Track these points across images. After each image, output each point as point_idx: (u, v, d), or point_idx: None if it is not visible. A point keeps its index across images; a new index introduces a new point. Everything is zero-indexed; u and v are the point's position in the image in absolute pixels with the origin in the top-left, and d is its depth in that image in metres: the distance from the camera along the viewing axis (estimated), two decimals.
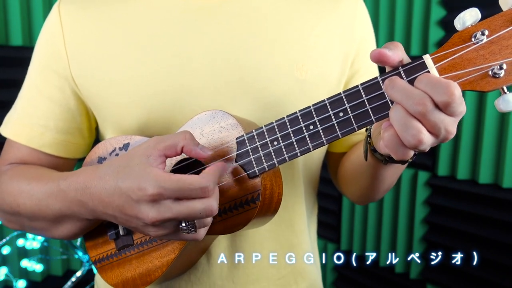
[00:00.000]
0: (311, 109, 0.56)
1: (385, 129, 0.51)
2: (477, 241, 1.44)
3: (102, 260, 0.72)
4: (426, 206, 1.59)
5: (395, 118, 0.48)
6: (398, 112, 0.48)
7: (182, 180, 0.53)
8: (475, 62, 0.47)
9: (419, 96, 0.47)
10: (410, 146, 0.49)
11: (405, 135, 0.48)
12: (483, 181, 1.40)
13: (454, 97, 0.45)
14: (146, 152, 0.56)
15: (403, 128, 0.48)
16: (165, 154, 0.56)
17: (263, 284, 0.77)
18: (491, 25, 0.47)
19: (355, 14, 0.79)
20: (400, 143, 0.50)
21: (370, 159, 0.67)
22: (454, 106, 0.46)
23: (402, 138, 0.49)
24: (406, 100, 0.48)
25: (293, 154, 0.57)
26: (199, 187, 0.53)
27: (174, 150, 0.56)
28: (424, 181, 1.57)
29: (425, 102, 0.47)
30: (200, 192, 0.53)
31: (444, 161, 1.51)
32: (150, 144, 0.57)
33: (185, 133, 0.57)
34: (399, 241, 1.68)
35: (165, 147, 0.56)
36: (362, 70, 0.81)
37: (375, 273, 1.80)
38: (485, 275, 1.41)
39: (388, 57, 0.49)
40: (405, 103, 0.48)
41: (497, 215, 1.38)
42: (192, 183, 0.53)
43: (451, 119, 0.48)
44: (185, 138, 0.56)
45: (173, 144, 0.56)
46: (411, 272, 1.66)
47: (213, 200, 0.55)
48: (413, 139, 0.48)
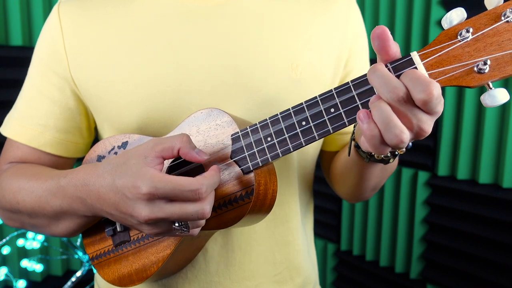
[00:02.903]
0: (304, 105, 0.57)
1: (367, 124, 0.51)
2: (477, 241, 1.44)
3: (99, 257, 0.73)
4: (426, 206, 1.59)
5: (378, 117, 0.49)
6: (382, 111, 0.49)
7: (174, 182, 0.54)
8: (460, 58, 0.48)
9: (395, 85, 0.48)
10: (391, 144, 0.50)
11: (388, 134, 0.49)
12: (483, 181, 1.41)
13: (432, 96, 0.46)
14: (144, 152, 0.57)
15: (387, 127, 0.49)
16: (162, 156, 0.57)
17: (259, 281, 0.78)
18: (476, 23, 0.48)
19: (348, 15, 0.80)
20: (381, 141, 0.51)
21: (355, 157, 0.69)
22: (430, 104, 0.47)
23: (385, 137, 0.50)
24: (383, 86, 0.49)
25: (286, 149, 0.58)
26: (189, 190, 0.54)
27: (171, 152, 0.57)
28: (424, 181, 1.57)
29: (398, 92, 0.48)
30: (191, 195, 0.54)
31: (444, 161, 1.51)
32: (148, 145, 0.58)
33: (182, 136, 0.58)
34: (399, 241, 1.68)
35: (163, 149, 0.57)
36: (355, 71, 0.82)
37: (375, 273, 1.80)
38: (485, 275, 1.41)
39: (389, 39, 0.50)
40: (381, 89, 0.49)
41: (497, 215, 1.38)
42: (183, 185, 0.54)
43: (427, 116, 0.49)
44: (182, 141, 0.58)
45: (170, 146, 0.57)
46: (411, 272, 1.66)
47: (206, 203, 0.56)
48: (395, 138, 0.49)
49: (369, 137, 0.51)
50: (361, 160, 0.68)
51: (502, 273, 1.38)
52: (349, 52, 0.80)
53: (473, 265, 1.46)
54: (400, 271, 1.70)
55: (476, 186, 1.43)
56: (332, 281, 2.02)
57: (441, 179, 1.52)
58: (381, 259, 1.76)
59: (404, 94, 0.48)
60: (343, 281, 1.97)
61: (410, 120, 0.49)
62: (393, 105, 0.49)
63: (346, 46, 0.79)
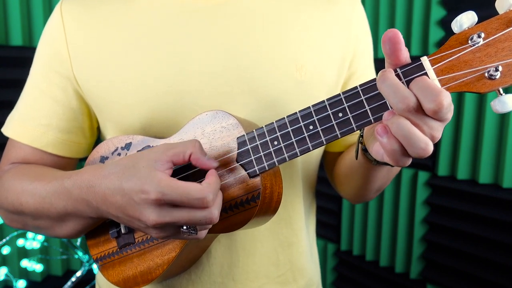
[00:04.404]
0: (311, 110, 0.57)
1: (387, 139, 0.51)
2: (477, 241, 1.45)
3: (103, 258, 0.73)
4: (426, 206, 1.59)
5: (400, 133, 0.49)
6: (401, 127, 0.48)
7: (182, 189, 0.53)
8: (471, 64, 0.47)
9: (405, 94, 0.48)
10: (416, 157, 0.50)
11: (413, 149, 0.49)
12: (483, 181, 1.41)
13: (442, 107, 0.46)
14: (154, 156, 0.57)
15: (410, 141, 0.48)
16: (172, 161, 0.57)
17: (262, 281, 0.78)
18: (487, 28, 0.47)
19: (352, 15, 0.79)
20: (403, 154, 0.51)
21: (362, 159, 0.68)
22: (440, 114, 0.47)
23: (409, 151, 0.49)
24: (393, 96, 0.48)
25: (293, 153, 0.58)
26: (196, 198, 0.53)
27: (182, 157, 0.57)
28: (424, 181, 1.58)
29: (409, 102, 0.47)
30: (198, 203, 0.54)
31: (444, 161, 1.51)
32: (159, 149, 0.58)
33: (194, 142, 0.58)
34: (399, 241, 1.68)
35: (173, 154, 0.57)
36: (359, 72, 0.81)
37: (375, 273, 1.80)
38: (485, 275, 1.42)
39: (401, 43, 0.49)
40: (391, 99, 0.49)
41: (497, 215, 1.38)
42: (190, 193, 0.53)
43: (437, 123, 0.49)
44: (194, 146, 0.57)
45: (182, 151, 0.57)
46: (411, 272, 1.66)
47: (214, 209, 0.55)
48: (422, 151, 0.49)
49: (389, 151, 0.51)
50: (368, 163, 0.67)
51: (502, 273, 1.39)
52: (353, 53, 0.79)
53: (473, 265, 1.46)
54: (400, 271, 1.71)
55: (476, 186, 1.43)
56: (332, 281, 2.02)
57: (441, 179, 1.52)
58: (381, 259, 1.77)
59: (414, 104, 0.47)
60: (343, 281, 1.97)
61: (422, 128, 0.49)
62: (404, 115, 0.48)
63: (350, 47, 0.79)
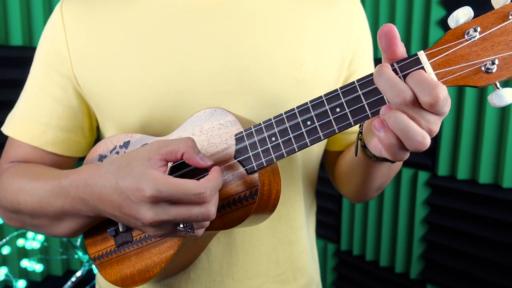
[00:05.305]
0: (309, 105, 0.57)
1: (384, 133, 0.51)
2: (477, 241, 1.44)
3: (101, 257, 0.73)
4: (426, 206, 1.59)
5: (396, 127, 0.49)
6: (398, 120, 0.49)
7: (178, 185, 0.53)
8: (468, 58, 0.48)
9: (401, 88, 0.48)
10: (413, 150, 0.50)
11: (410, 142, 0.49)
12: (483, 181, 1.41)
13: (438, 99, 0.46)
14: (148, 154, 0.57)
15: (407, 135, 0.49)
16: (165, 159, 0.57)
17: (262, 280, 0.77)
18: (483, 22, 0.47)
19: (352, 14, 0.80)
20: (400, 147, 0.51)
21: (361, 156, 0.68)
22: (437, 107, 0.47)
23: (406, 144, 0.50)
24: (390, 90, 0.48)
25: (291, 149, 0.58)
26: (193, 194, 0.53)
27: (175, 155, 0.57)
28: (424, 181, 1.57)
29: (405, 96, 0.48)
30: (195, 198, 0.54)
31: (444, 161, 1.51)
32: (152, 147, 0.58)
33: (187, 140, 0.58)
34: (399, 241, 1.68)
35: (166, 152, 0.57)
36: (359, 71, 0.81)
37: (375, 273, 1.80)
38: (485, 275, 1.41)
39: (396, 37, 0.49)
40: (388, 93, 0.49)
41: (497, 215, 1.38)
42: (187, 188, 0.53)
43: (434, 117, 0.49)
44: (187, 145, 0.57)
45: (174, 150, 0.57)
46: (411, 272, 1.66)
47: (211, 205, 0.55)
48: (419, 144, 0.49)
49: (387, 145, 0.51)
50: (367, 159, 0.67)
51: (502, 273, 1.38)
52: (353, 52, 0.80)
53: (473, 265, 1.46)
54: (400, 271, 1.70)
55: (476, 186, 1.43)
56: (332, 281, 2.01)
57: (441, 179, 1.52)
58: (381, 259, 1.76)
59: (411, 98, 0.48)
60: (343, 281, 1.97)
61: (419, 122, 0.49)
62: (401, 108, 0.49)
63: (350, 46, 0.79)
